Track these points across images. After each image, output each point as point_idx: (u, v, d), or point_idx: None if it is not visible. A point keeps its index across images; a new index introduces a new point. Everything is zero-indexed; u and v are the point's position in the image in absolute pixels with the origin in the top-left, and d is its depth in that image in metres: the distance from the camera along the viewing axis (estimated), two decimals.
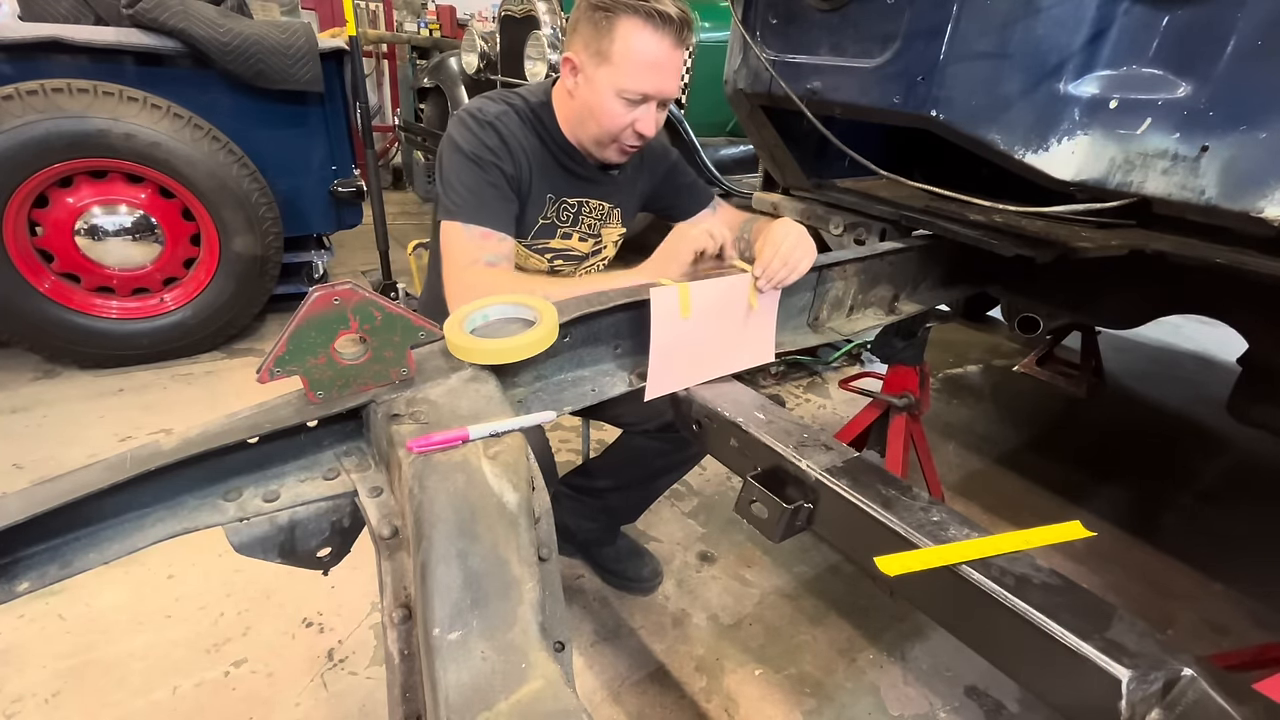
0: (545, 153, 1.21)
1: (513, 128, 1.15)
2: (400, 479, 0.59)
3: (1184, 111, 1.00)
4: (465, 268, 1.07)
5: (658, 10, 1.04)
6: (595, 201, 1.29)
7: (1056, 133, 1.14)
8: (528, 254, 1.26)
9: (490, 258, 1.08)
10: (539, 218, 1.23)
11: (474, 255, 1.07)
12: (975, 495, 2.13)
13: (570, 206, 1.26)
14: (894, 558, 0.67)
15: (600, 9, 1.06)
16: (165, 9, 2.17)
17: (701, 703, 1.37)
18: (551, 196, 1.23)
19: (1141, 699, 0.52)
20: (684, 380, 0.93)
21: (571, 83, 1.14)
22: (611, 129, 1.13)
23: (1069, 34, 1.08)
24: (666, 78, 1.10)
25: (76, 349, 2.32)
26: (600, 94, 1.10)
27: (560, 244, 1.28)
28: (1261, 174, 0.92)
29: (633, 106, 1.11)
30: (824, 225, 1.73)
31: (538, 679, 0.43)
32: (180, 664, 1.34)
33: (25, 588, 0.55)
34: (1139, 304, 1.51)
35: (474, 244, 1.08)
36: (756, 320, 0.98)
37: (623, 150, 1.18)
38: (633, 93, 1.09)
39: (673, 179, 1.42)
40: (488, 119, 1.14)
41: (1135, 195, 1.08)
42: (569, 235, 1.29)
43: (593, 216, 1.30)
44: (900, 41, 1.24)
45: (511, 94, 1.21)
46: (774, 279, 0.96)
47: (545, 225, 1.25)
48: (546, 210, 1.23)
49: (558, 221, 1.26)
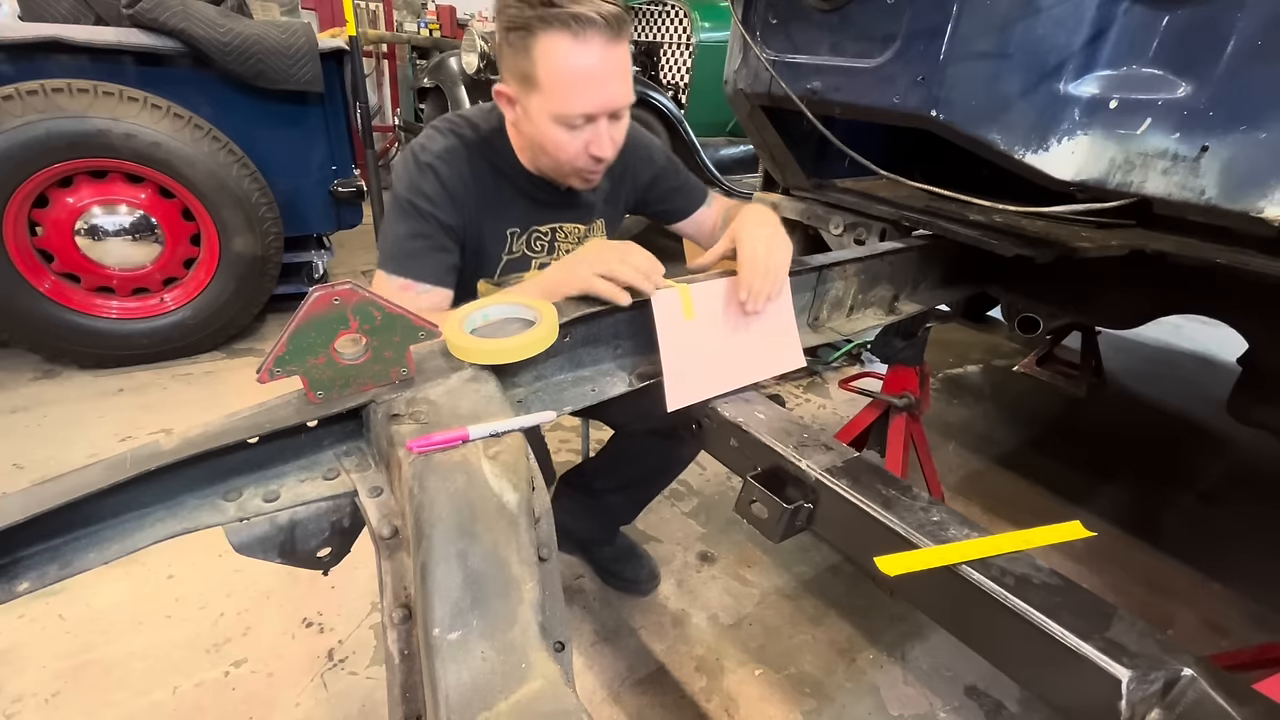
0: (501, 185, 1.10)
1: (457, 166, 1.05)
2: (400, 479, 0.59)
3: (1184, 111, 1.00)
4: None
5: (573, 14, 0.88)
6: (570, 226, 1.20)
7: (1056, 133, 1.14)
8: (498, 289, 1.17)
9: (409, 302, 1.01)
10: (503, 254, 1.15)
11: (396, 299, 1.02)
12: (975, 495, 2.13)
13: (543, 235, 1.17)
14: (894, 558, 0.67)
15: (514, 29, 0.92)
16: (165, 9, 2.17)
17: (701, 703, 1.37)
18: (516, 230, 1.14)
19: (1141, 699, 0.52)
20: (708, 389, 0.91)
21: (511, 115, 1.03)
22: (563, 159, 1.01)
23: (1069, 34, 1.08)
24: (608, 88, 0.95)
25: (76, 349, 2.32)
26: (540, 125, 0.97)
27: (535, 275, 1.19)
28: (1261, 174, 0.92)
29: (579, 130, 0.97)
30: (824, 225, 1.73)
31: (538, 679, 0.43)
32: (180, 664, 1.34)
33: (25, 588, 0.54)
34: (1139, 304, 1.50)
35: (392, 290, 1.00)
36: (773, 322, 0.96)
37: (585, 178, 1.07)
38: (572, 117, 0.95)
39: (660, 184, 1.31)
40: (426, 161, 1.03)
41: (1135, 195, 1.08)
42: (545, 264, 1.19)
43: (570, 241, 1.21)
44: (900, 41, 1.24)
45: (463, 122, 1.09)
46: (759, 298, 0.91)
47: (515, 260, 1.16)
48: (512, 244, 1.15)
49: (529, 252, 1.18)
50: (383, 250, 1.04)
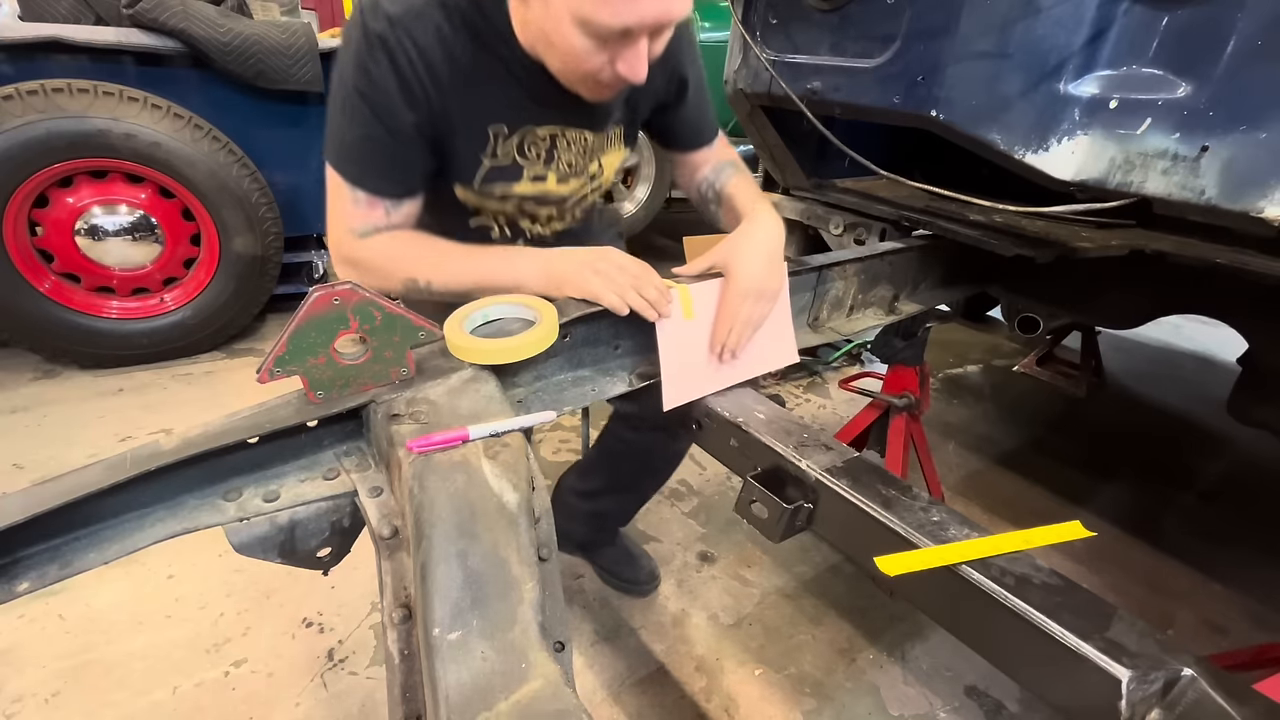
0: (485, 65, 0.84)
1: (419, 35, 0.80)
2: (400, 479, 0.59)
3: (1184, 111, 1.00)
4: (340, 237, 0.89)
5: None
6: (575, 132, 0.96)
7: (1056, 133, 1.14)
8: (481, 199, 0.98)
9: (363, 229, 0.88)
10: (483, 157, 0.91)
11: (348, 223, 0.88)
12: (975, 495, 2.12)
13: (540, 141, 0.93)
14: (894, 558, 0.67)
15: None
16: (165, 9, 2.17)
17: (701, 703, 1.37)
18: (503, 129, 0.90)
19: (1141, 699, 0.52)
20: (704, 387, 0.91)
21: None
22: (578, 70, 0.80)
23: (1069, 34, 1.08)
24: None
25: (76, 349, 2.32)
26: (559, 25, 0.74)
27: (530, 188, 0.98)
28: (1261, 174, 0.92)
29: (609, 44, 0.75)
30: (824, 225, 1.73)
31: (538, 679, 0.43)
32: (180, 664, 1.34)
33: (25, 588, 0.55)
34: (1139, 304, 1.51)
35: (350, 209, 0.87)
36: (770, 321, 0.96)
37: (600, 90, 0.85)
38: (607, 28, 0.72)
39: (683, 105, 1.07)
40: (378, 31, 0.79)
41: (1135, 195, 1.08)
42: (542, 177, 0.97)
43: (574, 153, 0.98)
44: (900, 41, 1.25)
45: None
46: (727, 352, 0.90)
47: (502, 168, 0.93)
48: (497, 147, 0.91)
49: (521, 160, 0.94)
50: (333, 145, 0.86)
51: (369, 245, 0.89)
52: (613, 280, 0.83)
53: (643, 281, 0.83)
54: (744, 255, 0.90)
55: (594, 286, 0.83)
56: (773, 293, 0.93)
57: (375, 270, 0.90)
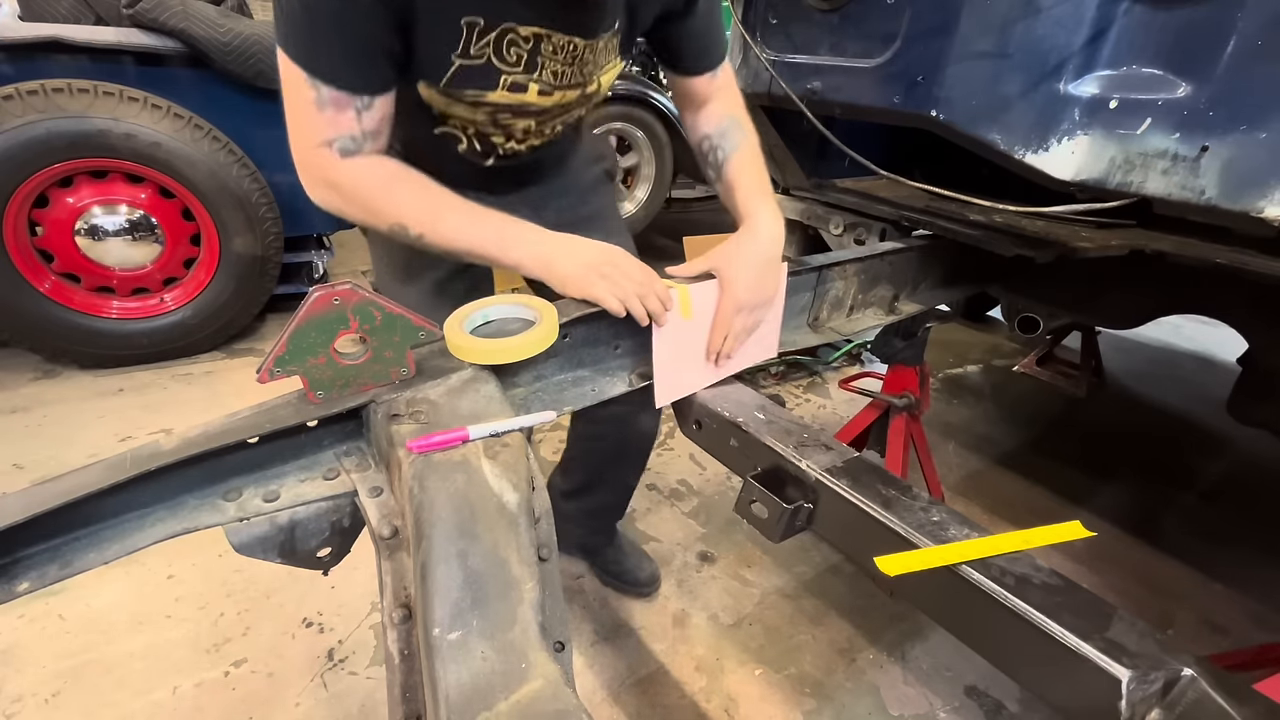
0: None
1: None
2: (400, 479, 0.59)
3: (1184, 111, 1.00)
4: (310, 152, 0.76)
5: None
6: (563, 38, 0.83)
7: (1057, 133, 1.14)
8: (449, 104, 0.85)
9: (338, 140, 0.76)
10: (453, 56, 0.78)
11: (316, 131, 0.75)
12: (975, 495, 2.12)
13: (521, 41, 0.80)
14: (894, 558, 0.67)
15: None
16: (165, 9, 2.17)
17: (701, 703, 1.37)
18: (478, 23, 0.76)
19: (1141, 699, 0.52)
20: (694, 384, 0.92)
21: None
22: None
23: (1069, 34, 1.08)
24: None
25: (76, 349, 2.32)
26: None
27: (506, 97, 0.85)
28: (1261, 174, 0.93)
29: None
30: (824, 225, 1.73)
31: (538, 679, 0.43)
32: (180, 664, 1.34)
33: (25, 588, 0.55)
34: (1139, 304, 1.51)
35: (314, 115, 0.74)
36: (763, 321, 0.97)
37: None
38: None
39: (690, 20, 0.96)
40: None
41: (1135, 195, 1.08)
42: (521, 86, 0.84)
43: (560, 60, 0.85)
44: (900, 41, 1.25)
45: None
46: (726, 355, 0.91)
47: (474, 69, 0.80)
48: (470, 43, 0.78)
49: (498, 63, 0.81)
50: (287, 29, 0.71)
51: (353, 169, 0.78)
52: (618, 286, 0.81)
53: (647, 290, 0.82)
54: (740, 265, 0.89)
55: (598, 291, 0.81)
56: (768, 300, 0.93)
57: (360, 202, 0.80)
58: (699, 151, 1.08)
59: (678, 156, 3.74)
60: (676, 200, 4.18)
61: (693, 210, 4.61)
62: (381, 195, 0.80)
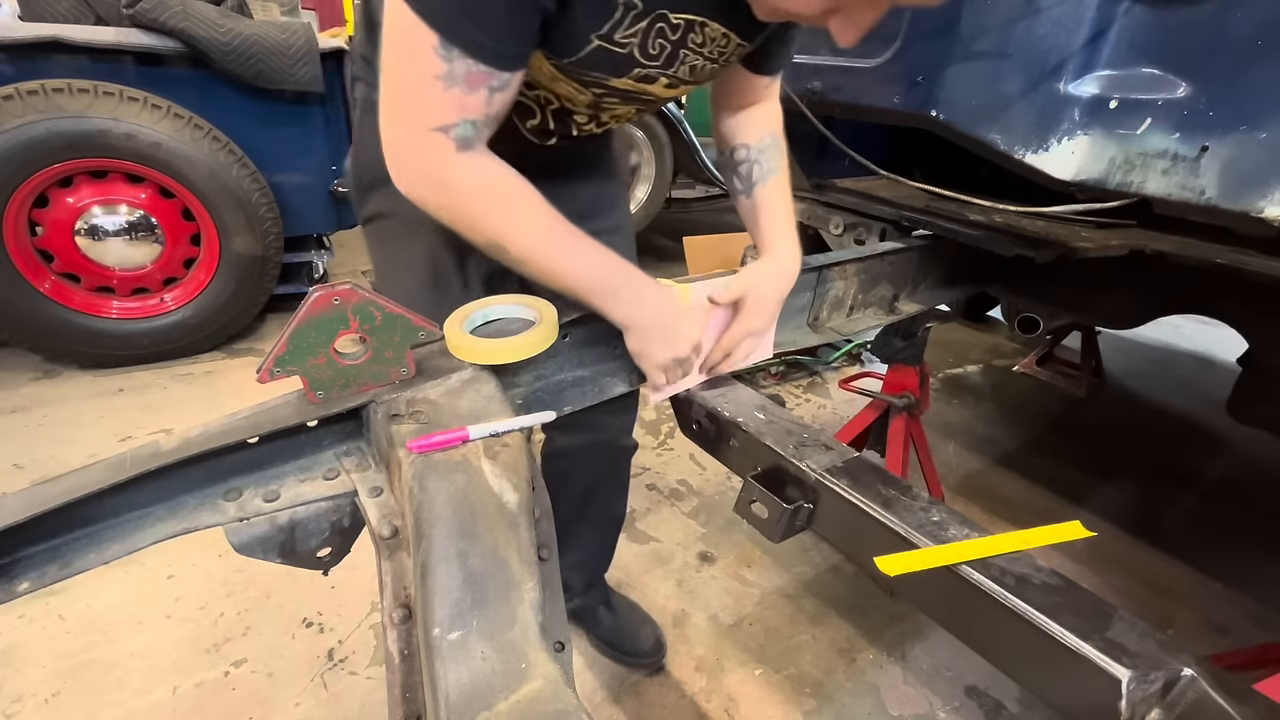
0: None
1: None
2: (400, 479, 0.59)
3: (1184, 111, 1.00)
4: (424, 135, 0.64)
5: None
6: (718, 29, 0.72)
7: (1057, 133, 1.14)
8: (554, 81, 0.75)
9: (464, 129, 0.64)
10: (591, 35, 0.66)
11: (444, 114, 0.63)
12: (975, 495, 2.12)
13: (670, 30, 0.69)
14: (894, 558, 0.67)
15: None
16: (165, 9, 2.17)
17: (701, 703, 1.37)
18: (636, 5, 0.65)
19: (1141, 699, 0.52)
20: (686, 382, 0.93)
21: None
22: (778, 4, 0.64)
23: (1069, 34, 1.08)
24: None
25: (76, 349, 2.32)
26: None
27: (629, 84, 0.75)
28: (1261, 174, 0.93)
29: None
30: (824, 225, 1.73)
31: (538, 679, 0.43)
32: (180, 664, 1.34)
33: (25, 588, 0.54)
34: (1139, 304, 1.51)
35: (437, 91, 0.61)
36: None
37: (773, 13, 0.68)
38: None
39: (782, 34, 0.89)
40: None
41: (1135, 195, 1.08)
42: (652, 79, 0.75)
43: (705, 54, 0.74)
44: (900, 41, 1.25)
45: None
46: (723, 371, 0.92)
47: (610, 56, 0.69)
48: (619, 28, 0.66)
49: (640, 56, 0.70)
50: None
51: (469, 170, 0.66)
52: (671, 373, 0.83)
53: (689, 365, 0.84)
54: (762, 295, 0.90)
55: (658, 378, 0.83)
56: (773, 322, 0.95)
57: (466, 209, 0.69)
58: (729, 157, 1.01)
59: (678, 156, 3.74)
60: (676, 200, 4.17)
61: (693, 210, 4.61)
62: (496, 208, 0.69)
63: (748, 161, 0.99)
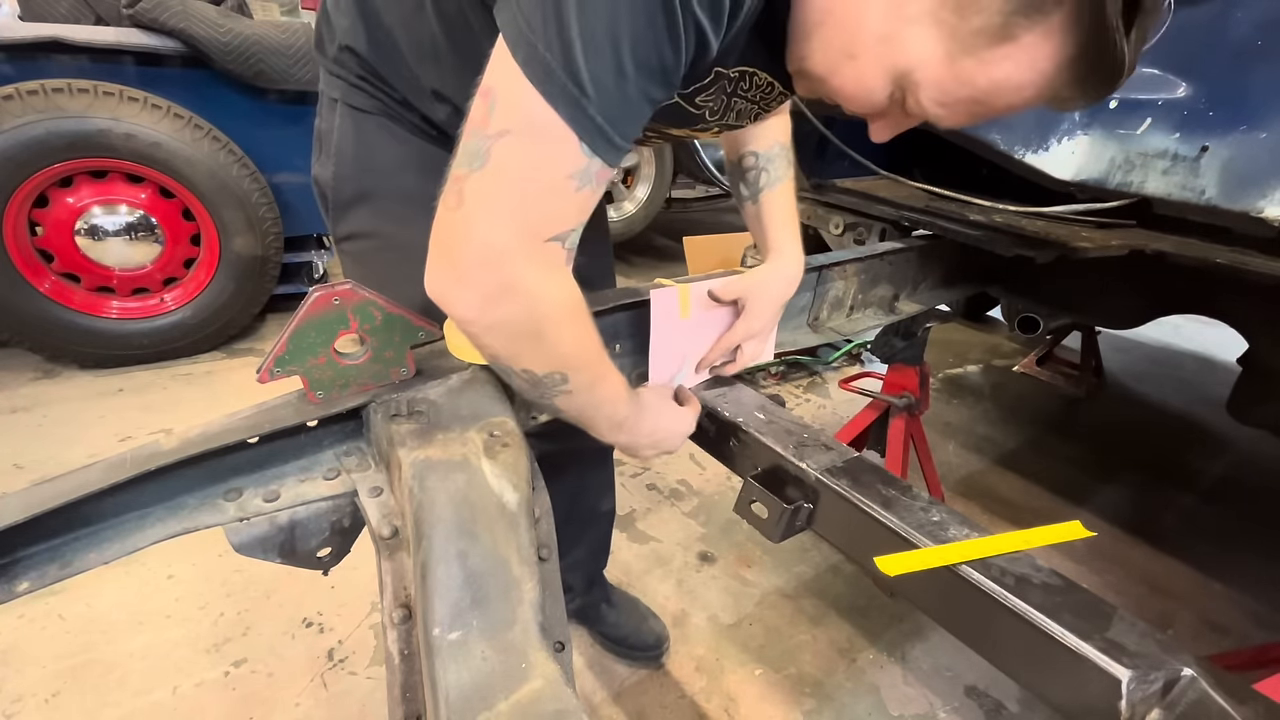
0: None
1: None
2: (400, 479, 0.59)
3: (1184, 111, 1.00)
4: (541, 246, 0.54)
5: (1113, 48, 0.52)
6: (765, 76, 0.72)
7: (1056, 133, 1.14)
8: None
9: (575, 238, 0.57)
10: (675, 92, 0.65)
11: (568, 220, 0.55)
12: (975, 495, 2.12)
13: (728, 81, 0.69)
14: (894, 558, 0.67)
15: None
16: (165, 9, 2.17)
17: (701, 703, 1.37)
18: (724, 73, 0.66)
19: (1141, 699, 0.52)
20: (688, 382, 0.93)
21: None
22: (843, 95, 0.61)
23: None
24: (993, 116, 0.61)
25: (76, 349, 2.32)
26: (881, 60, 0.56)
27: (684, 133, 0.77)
28: (1261, 174, 0.93)
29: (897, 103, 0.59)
30: (824, 225, 1.73)
31: (538, 679, 0.43)
32: (180, 664, 1.34)
33: (25, 588, 0.54)
34: (1139, 304, 1.51)
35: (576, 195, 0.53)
36: None
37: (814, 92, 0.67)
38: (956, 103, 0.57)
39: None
40: None
41: (1135, 195, 1.08)
42: (705, 126, 0.75)
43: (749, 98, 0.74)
44: None
45: None
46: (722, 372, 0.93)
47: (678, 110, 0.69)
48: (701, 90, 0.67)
49: (708, 116, 0.72)
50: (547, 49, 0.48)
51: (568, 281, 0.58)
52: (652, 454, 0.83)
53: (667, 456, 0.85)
54: (766, 298, 0.91)
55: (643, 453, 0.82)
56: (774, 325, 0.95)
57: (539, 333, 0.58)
58: (737, 164, 1.02)
59: (678, 156, 3.74)
60: (676, 200, 4.17)
61: (693, 210, 4.62)
62: (569, 331, 0.60)
63: (756, 169, 1.00)
